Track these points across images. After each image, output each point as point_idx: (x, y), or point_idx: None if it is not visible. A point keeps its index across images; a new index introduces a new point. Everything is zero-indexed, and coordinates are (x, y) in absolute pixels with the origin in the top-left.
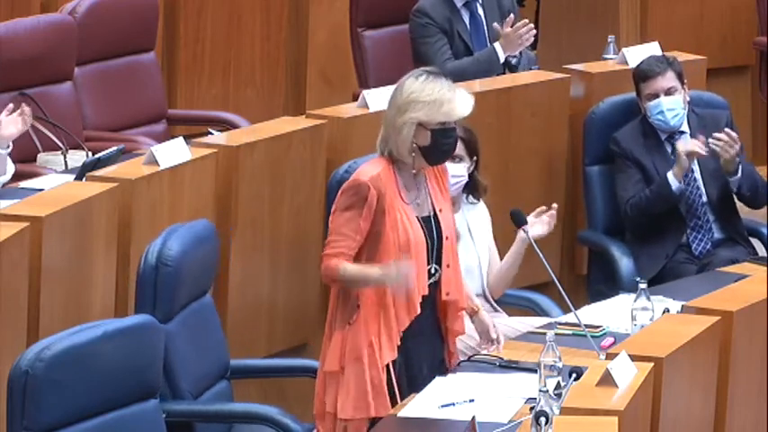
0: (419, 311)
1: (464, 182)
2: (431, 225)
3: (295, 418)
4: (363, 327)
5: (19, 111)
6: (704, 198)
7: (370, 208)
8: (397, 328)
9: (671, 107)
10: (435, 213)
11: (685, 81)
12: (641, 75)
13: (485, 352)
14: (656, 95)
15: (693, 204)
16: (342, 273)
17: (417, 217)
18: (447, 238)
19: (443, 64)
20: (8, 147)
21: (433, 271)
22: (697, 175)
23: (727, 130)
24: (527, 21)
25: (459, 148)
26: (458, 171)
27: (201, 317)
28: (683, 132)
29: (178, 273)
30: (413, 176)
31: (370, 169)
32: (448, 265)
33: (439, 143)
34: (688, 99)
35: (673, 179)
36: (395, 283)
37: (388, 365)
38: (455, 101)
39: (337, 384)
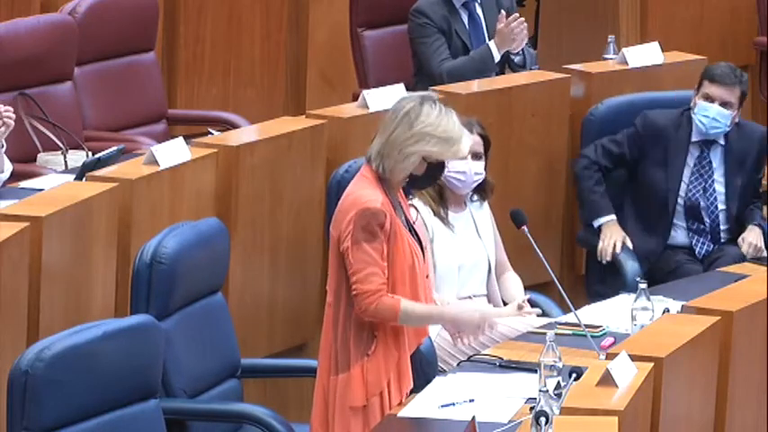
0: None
1: (482, 179)
2: (414, 238)
3: (284, 419)
4: (383, 358)
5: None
6: (724, 210)
7: (386, 234)
8: (409, 352)
9: (717, 118)
10: (411, 225)
11: (743, 104)
12: (711, 76)
13: (486, 351)
14: (713, 100)
15: (707, 210)
16: (404, 314)
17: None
18: (426, 247)
19: (440, 64)
20: (2, 146)
21: None
22: (720, 187)
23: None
24: (517, 15)
25: (479, 145)
26: (479, 168)
27: (207, 315)
28: (714, 142)
29: (173, 271)
30: (395, 194)
31: (372, 194)
32: (427, 276)
33: (430, 175)
34: (736, 121)
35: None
36: (473, 329)
37: None
38: (462, 141)
39: (362, 419)
